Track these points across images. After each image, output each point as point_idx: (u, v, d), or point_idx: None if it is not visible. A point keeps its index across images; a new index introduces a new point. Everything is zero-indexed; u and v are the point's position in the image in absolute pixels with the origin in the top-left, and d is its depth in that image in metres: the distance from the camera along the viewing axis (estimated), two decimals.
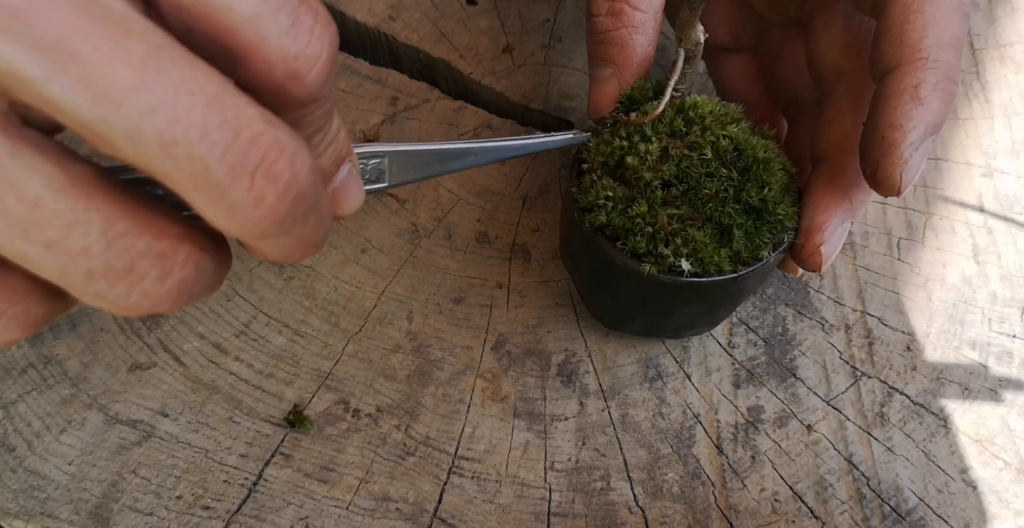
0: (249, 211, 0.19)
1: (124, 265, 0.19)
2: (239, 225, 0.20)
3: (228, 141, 0.18)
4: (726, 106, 0.36)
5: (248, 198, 0.19)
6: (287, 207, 0.20)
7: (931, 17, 0.31)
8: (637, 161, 0.34)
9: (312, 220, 0.21)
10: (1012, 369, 0.41)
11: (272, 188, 0.19)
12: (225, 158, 0.18)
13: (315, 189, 0.21)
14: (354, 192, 0.26)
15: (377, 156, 0.30)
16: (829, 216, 0.34)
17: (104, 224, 0.19)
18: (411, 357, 0.42)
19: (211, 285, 0.22)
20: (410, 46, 0.52)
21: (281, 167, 0.19)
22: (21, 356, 0.40)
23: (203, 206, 0.19)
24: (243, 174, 0.18)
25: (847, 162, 0.35)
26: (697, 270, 0.34)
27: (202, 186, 0.18)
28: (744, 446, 0.39)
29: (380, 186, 0.31)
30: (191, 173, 0.18)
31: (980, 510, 0.38)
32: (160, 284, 0.20)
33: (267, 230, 0.20)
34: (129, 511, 0.37)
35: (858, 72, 0.36)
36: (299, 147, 0.20)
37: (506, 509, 0.38)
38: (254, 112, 0.19)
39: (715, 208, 0.34)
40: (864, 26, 0.36)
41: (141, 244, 0.19)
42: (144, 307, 0.20)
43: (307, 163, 0.20)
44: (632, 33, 0.36)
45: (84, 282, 0.19)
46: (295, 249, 0.22)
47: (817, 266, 0.35)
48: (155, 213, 0.20)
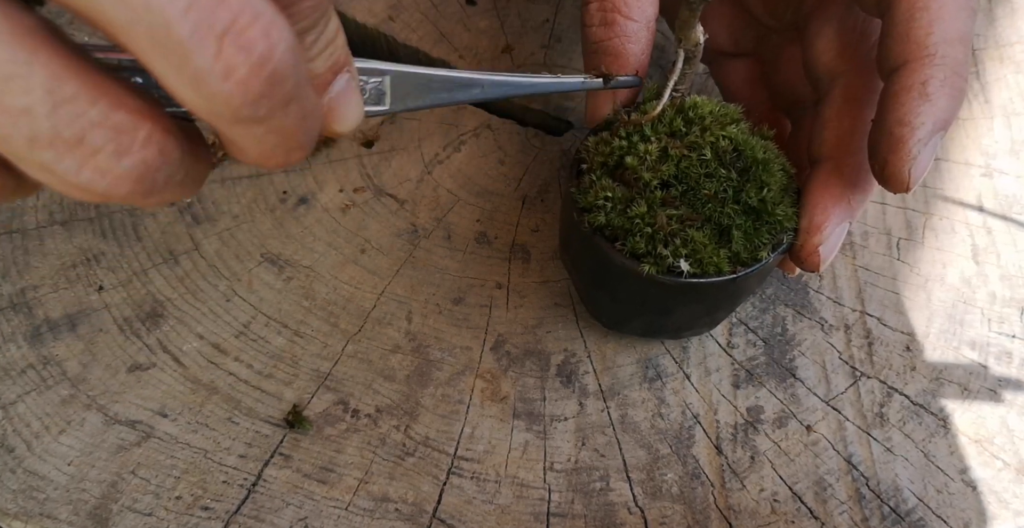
0: (217, 83, 0.17)
1: (73, 134, 0.17)
2: (206, 100, 0.17)
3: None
4: (726, 106, 0.36)
5: (215, 66, 0.17)
6: (262, 85, 0.18)
7: (937, 14, 0.31)
8: (636, 161, 0.34)
9: (294, 112, 0.19)
10: (1011, 369, 0.41)
11: (244, 58, 0.17)
12: (189, 13, 0.16)
13: (297, 74, 0.19)
14: (352, 105, 0.24)
15: (378, 74, 0.28)
16: (827, 216, 0.35)
17: (49, 82, 0.17)
18: (410, 357, 0.42)
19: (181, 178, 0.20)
20: (410, 46, 0.52)
21: (254, 35, 0.17)
22: (20, 357, 0.40)
23: (164, 73, 0.17)
24: (209, 36, 0.16)
25: (844, 163, 0.35)
26: (696, 271, 0.34)
27: (162, 46, 0.16)
28: (743, 446, 0.39)
29: (380, 109, 0.29)
30: (148, 27, 0.16)
31: (979, 510, 0.38)
32: (116, 161, 0.18)
33: (239, 110, 0.18)
34: (128, 512, 0.37)
35: (853, 74, 0.36)
36: (276, 18, 0.18)
37: (505, 509, 0.38)
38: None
39: (714, 209, 0.34)
40: (859, 29, 0.36)
41: (94, 112, 0.17)
42: (99, 187, 0.18)
43: (286, 39, 0.18)
44: (625, 43, 0.36)
45: (27, 149, 0.17)
46: (276, 146, 0.20)
47: (815, 266, 0.35)
48: (114, 83, 0.18)
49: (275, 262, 0.44)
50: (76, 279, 0.43)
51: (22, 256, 0.43)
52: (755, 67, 0.44)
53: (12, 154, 0.18)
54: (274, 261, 0.44)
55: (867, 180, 0.35)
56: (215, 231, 0.45)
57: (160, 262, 0.44)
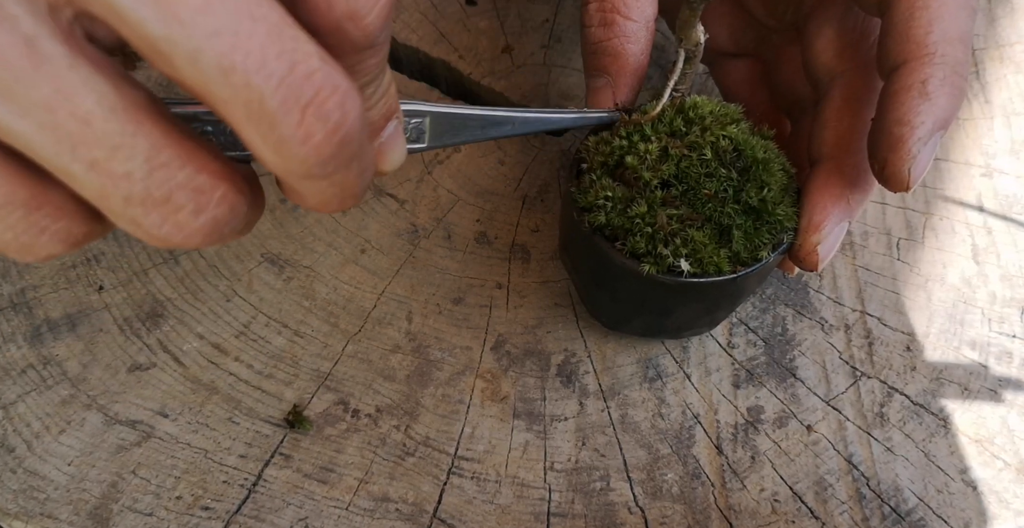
0: (297, 147, 0.19)
1: (162, 194, 0.19)
2: (285, 160, 0.20)
3: (284, 73, 0.18)
4: (726, 106, 0.36)
5: (297, 133, 0.19)
6: (333, 148, 0.20)
7: (937, 13, 0.31)
8: (637, 161, 0.34)
9: (355, 168, 0.21)
10: (1012, 369, 0.41)
11: (321, 126, 0.19)
12: (280, 90, 0.18)
13: (361, 135, 0.21)
14: (398, 148, 0.27)
15: (419, 115, 0.30)
16: (826, 216, 0.35)
17: (149, 151, 0.19)
18: (410, 357, 0.42)
19: (241, 228, 0.22)
20: (409, 46, 0.52)
21: (332, 106, 0.19)
22: (20, 357, 0.40)
23: (252, 137, 0.19)
24: (295, 108, 0.19)
25: (843, 162, 0.35)
26: (696, 270, 0.34)
27: (254, 116, 0.18)
28: (744, 446, 0.39)
29: (419, 146, 0.31)
30: (245, 102, 0.18)
31: (980, 510, 0.38)
32: (194, 218, 0.20)
33: (311, 169, 0.20)
34: (128, 512, 0.37)
35: (852, 74, 0.36)
36: (351, 90, 0.20)
37: (506, 509, 0.38)
38: (311, 47, 0.19)
39: (714, 208, 0.34)
40: (857, 29, 0.37)
41: (181, 176, 0.19)
42: (175, 239, 0.20)
43: (356, 107, 0.20)
44: (624, 43, 0.36)
45: (121, 206, 0.19)
46: (334, 197, 0.22)
47: (814, 265, 0.35)
48: (199, 147, 0.20)
49: (275, 262, 0.44)
50: (76, 279, 0.43)
51: None
52: (755, 67, 0.44)
53: (107, 208, 0.20)
54: (274, 261, 0.44)
55: (866, 180, 0.35)
56: None
57: (160, 262, 0.44)
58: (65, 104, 0.17)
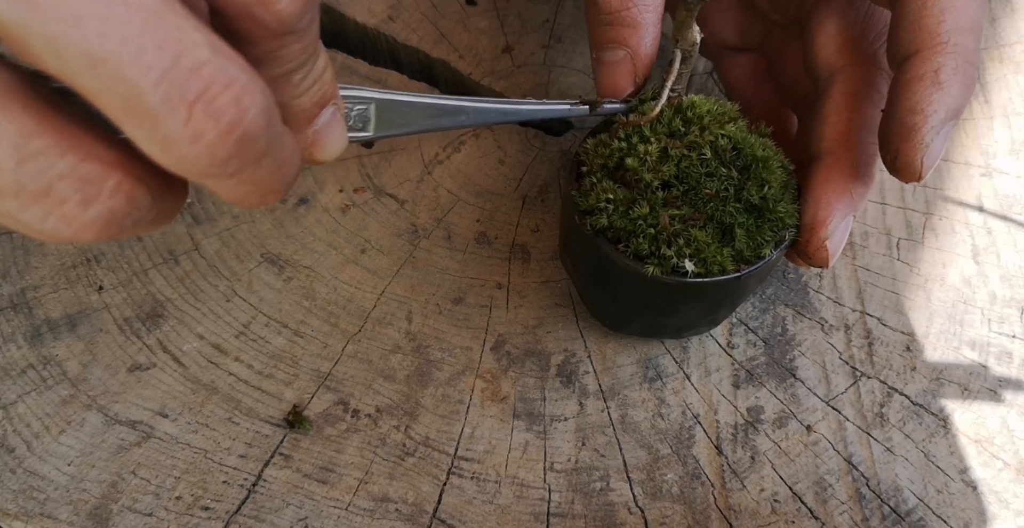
0: (185, 146, 0.17)
1: (40, 187, 0.18)
2: (175, 160, 0.18)
3: (166, 66, 0.16)
4: (723, 105, 0.36)
5: (184, 132, 0.17)
6: (230, 148, 0.18)
7: (949, 2, 0.31)
8: (637, 162, 0.34)
9: (267, 165, 0.20)
10: (1012, 369, 0.41)
11: (213, 124, 0.17)
12: (161, 85, 0.16)
13: (269, 131, 0.19)
14: (336, 137, 0.25)
15: (363, 102, 0.28)
16: (831, 210, 0.34)
17: (17, 139, 0.17)
18: (410, 358, 0.42)
19: (152, 219, 0.20)
20: (410, 47, 0.52)
21: (225, 102, 0.17)
22: (20, 357, 0.40)
23: (134, 134, 0.17)
24: (180, 105, 0.17)
25: (845, 157, 0.35)
26: (700, 270, 0.34)
27: (133, 113, 0.17)
28: (744, 446, 0.39)
29: (363, 135, 0.29)
30: (121, 97, 0.16)
31: (980, 510, 0.38)
32: (81, 210, 0.18)
33: (207, 170, 0.18)
34: (128, 512, 0.37)
35: (853, 68, 0.36)
36: (250, 83, 0.18)
37: (505, 509, 0.38)
38: (200, 37, 0.17)
39: (716, 207, 0.34)
40: (858, 24, 0.37)
41: (62, 165, 0.18)
42: (64, 234, 0.19)
43: (258, 102, 0.18)
44: (644, 11, 0.35)
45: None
46: (249, 194, 0.21)
47: (824, 261, 0.35)
48: (84, 132, 0.18)
49: (275, 262, 0.44)
50: (76, 279, 0.43)
51: (22, 256, 0.43)
52: (760, 62, 0.44)
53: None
54: (274, 261, 0.44)
55: (868, 173, 0.35)
56: (215, 231, 0.45)
57: (160, 262, 0.44)
58: None
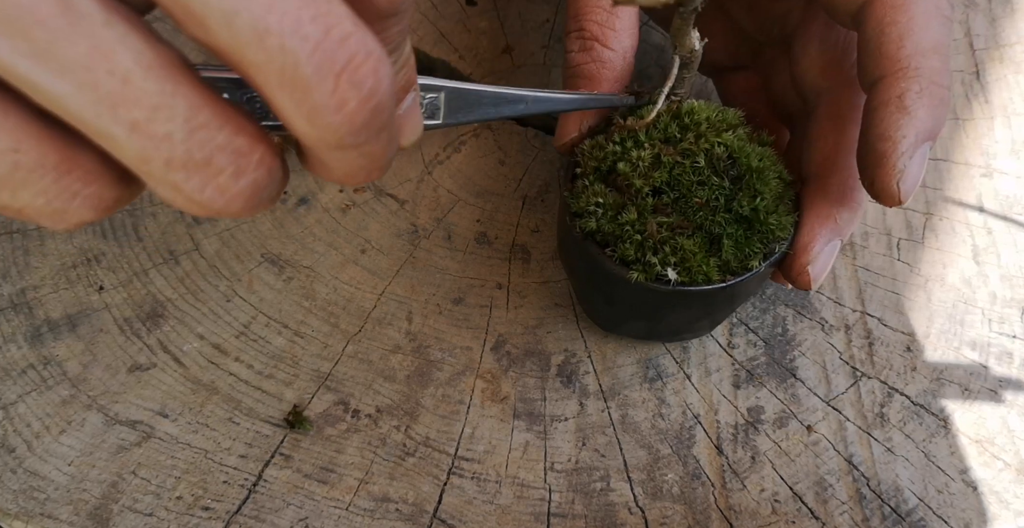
0: (330, 115, 0.19)
1: (203, 157, 0.19)
2: (317, 129, 0.19)
3: (319, 37, 0.18)
4: (725, 111, 0.36)
5: (331, 101, 0.18)
6: (366, 117, 0.19)
7: (906, 27, 0.31)
8: (628, 167, 0.34)
9: (384, 138, 0.21)
10: (1012, 369, 0.41)
11: (355, 93, 0.19)
12: (315, 55, 0.18)
13: (392, 104, 0.20)
14: (415, 122, 0.26)
15: (435, 90, 0.30)
16: (814, 236, 0.35)
17: (188, 111, 0.18)
18: (411, 358, 0.42)
19: (274, 195, 0.21)
20: None
21: (366, 73, 0.19)
22: (21, 357, 0.40)
23: (284, 105, 0.19)
24: (329, 74, 0.18)
25: (829, 181, 0.35)
26: (684, 279, 0.33)
27: (288, 82, 0.18)
28: (744, 446, 0.39)
29: (435, 123, 0.31)
30: (280, 67, 0.18)
31: (980, 511, 0.38)
32: (235, 181, 0.20)
33: (343, 138, 0.20)
34: (129, 512, 0.37)
35: (837, 90, 0.36)
36: (383, 56, 0.19)
37: (506, 510, 0.38)
38: (344, 11, 0.18)
39: (705, 217, 0.34)
40: (840, 45, 0.37)
41: (221, 137, 0.19)
42: (217, 205, 0.20)
43: (389, 74, 0.19)
44: (600, 68, 0.37)
45: (163, 170, 0.19)
46: (361, 168, 0.22)
47: (806, 285, 0.35)
48: (234, 109, 0.20)
49: (275, 262, 0.44)
50: (76, 279, 0.43)
51: (22, 256, 0.43)
52: (754, 79, 0.45)
53: (147, 172, 0.19)
54: (274, 261, 0.44)
55: (854, 198, 0.35)
56: (215, 231, 0.45)
57: (160, 262, 0.44)
58: (103, 62, 0.17)
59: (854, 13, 0.33)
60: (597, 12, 0.37)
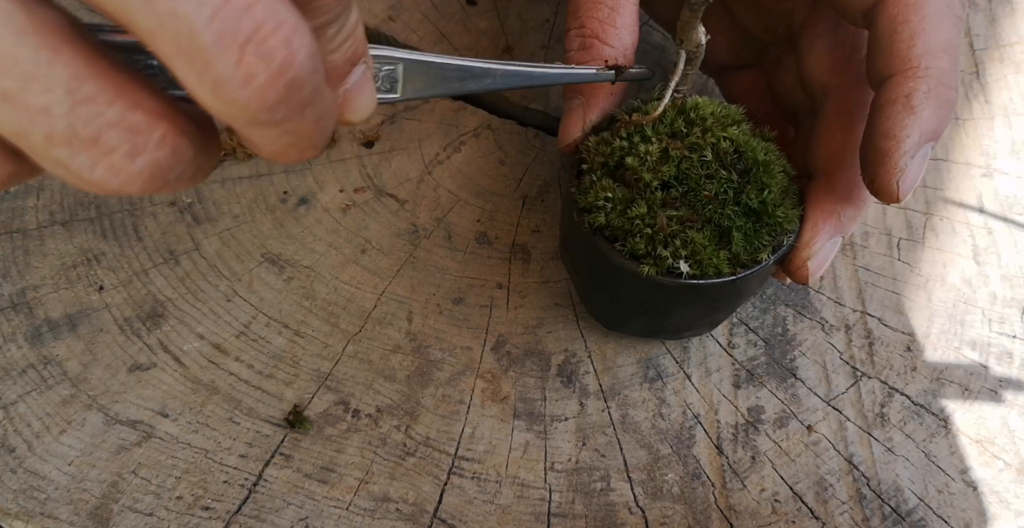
0: (236, 89, 0.17)
1: (90, 133, 0.17)
2: (224, 104, 0.18)
3: (218, 3, 0.16)
4: (727, 107, 0.36)
5: (236, 74, 0.17)
6: (280, 92, 0.18)
7: (918, 26, 0.31)
8: (637, 162, 0.34)
9: (310, 115, 0.19)
10: (1012, 369, 0.41)
11: (264, 66, 0.17)
12: (213, 22, 0.16)
13: (315, 78, 0.19)
14: (366, 97, 0.24)
15: (391, 62, 0.28)
16: (816, 232, 0.35)
17: (70, 82, 0.17)
18: (411, 358, 0.42)
19: (191, 175, 0.20)
20: (410, 47, 0.52)
21: (276, 43, 0.17)
22: (21, 357, 0.40)
23: (185, 76, 0.17)
24: (232, 44, 0.17)
25: (836, 178, 0.35)
26: (696, 272, 0.33)
27: (185, 52, 0.16)
28: (744, 446, 0.39)
29: (392, 96, 0.29)
30: (174, 34, 0.16)
31: (980, 511, 0.38)
32: (130, 161, 0.18)
33: (256, 115, 0.18)
34: (129, 512, 0.37)
35: (844, 88, 0.36)
36: (298, 25, 0.18)
37: (506, 509, 0.38)
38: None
39: (714, 210, 0.34)
40: (848, 43, 0.37)
41: (111, 113, 0.17)
42: (111, 185, 0.18)
43: (307, 46, 0.18)
44: None
45: (43, 146, 0.17)
46: (289, 146, 0.20)
47: (804, 279, 0.36)
48: (133, 82, 0.18)
49: (275, 262, 0.44)
50: (76, 279, 0.43)
51: (22, 256, 0.43)
52: (758, 77, 0.45)
53: (28, 147, 0.18)
54: (275, 261, 0.44)
55: (859, 195, 0.35)
56: (215, 231, 0.45)
57: (160, 262, 0.44)
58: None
59: (866, 11, 0.33)
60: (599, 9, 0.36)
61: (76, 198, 0.45)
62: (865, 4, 0.33)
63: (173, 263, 0.44)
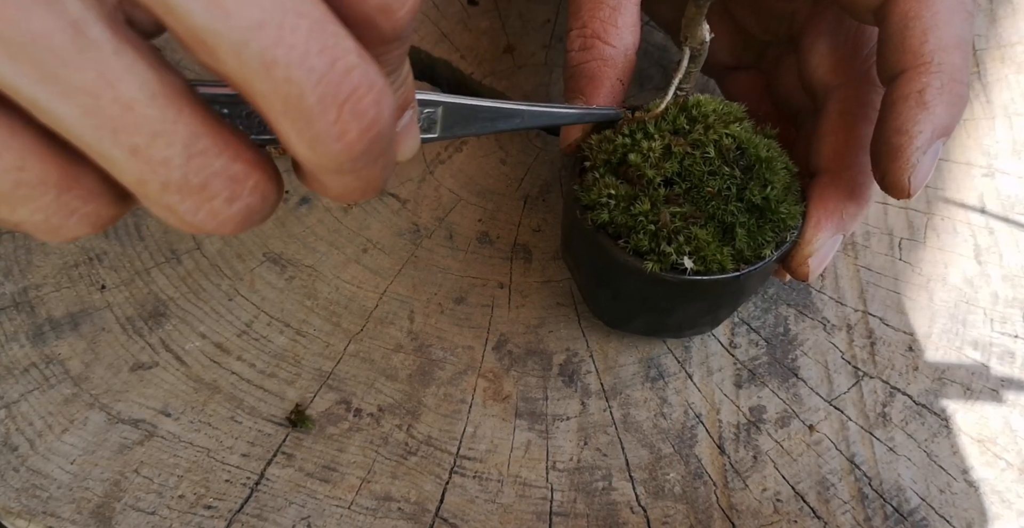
0: (330, 144, 0.19)
1: (199, 182, 0.19)
2: (317, 156, 0.20)
3: (324, 69, 0.18)
4: (729, 105, 0.36)
5: (332, 130, 0.19)
6: (365, 145, 0.20)
7: (930, 22, 0.31)
8: (640, 158, 0.34)
9: (381, 163, 0.21)
10: (1014, 369, 0.41)
11: (356, 124, 0.19)
12: (319, 86, 0.18)
13: (391, 132, 0.21)
14: (413, 138, 0.27)
15: (432, 105, 0.30)
16: (818, 230, 0.35)
17: (188, 138, 0.19)
18: (412, 357, 0.42)
19: (266, 215, 0.22)
20: (411, 46, 0.52)
21: (368, 104, 0.19)
22: (23, 356, 0.40)
23: (287, 132, 0.19)
24: (332, 105, 0.19)
25: (839, 176, 0.36)
26: (700, 268, 0.34)
27: (292, 112, 0.18)
28: (746, 446, 0.39)
29: (431, 136, 0.31)
30: (285, 97, 0.18)
31: (982, 510, 0.38)
32: (228, 206, 0.20)
33: (341, 165, 0.20)
34: (131, 510, 0.37)
35: (846, 87, 0.36)
36: (385, 88, 0.20)
37: (508, 509, 0.38)
38: (351, 44, 0.19)
39: (718, 206, 0.34)
40: (850, 42, 0.37)
41: (218, 164, 0.19)
42: (208, 226, 0.20)
43: (390, 104, 0.20)
44: (601, 66, 0.37)
45: (158, 192, 0.19)
46: (356, 190, 0.22)
47: (804, 277, 0.36)
48: (234, 135, 0.20)
49: (277, 261, 0.44)
50: (78, 278, 0.43)
51: (24, 255, 0.43)
52: (759, 78, 0.45)
53: (143, 195, 0.20)
54: (276, 260, 0.44)
55: (862, 193, 0.35)
56: None
57: (162, 261, 0.44)
58: (109, 89, 0.17)
59: (876, 8, 0.33)
60: (600, 8, 0.37)
61: None
62: (875, 1, 0.33)
63: (175, 262, 0.44)
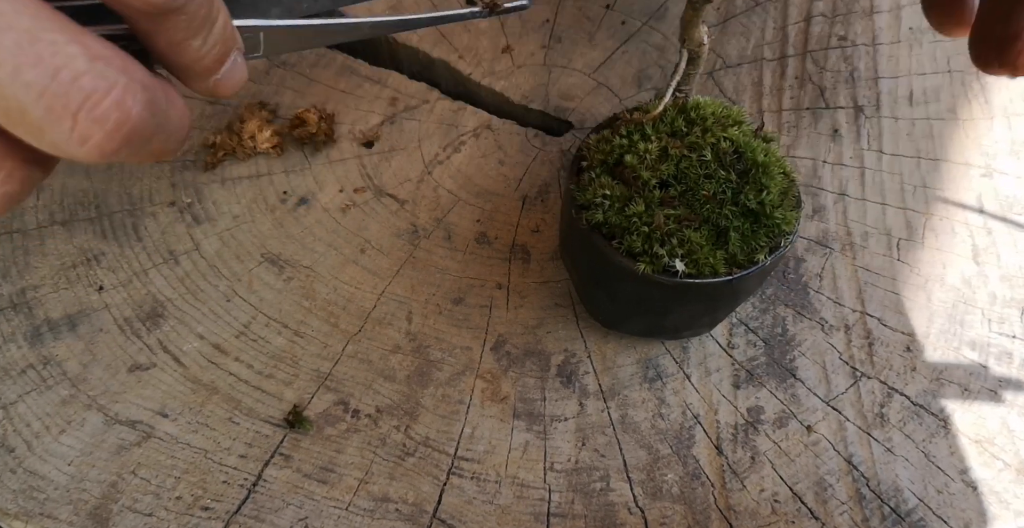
0: (74, 149, 0.19)
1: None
2: (67, 157, 0.19)
3: (44, 82, 0.17)
4: (729, 108, 0.36)
5: (71, 138, 0.18)
6: (119, 143, 0.19)
7: None
8: (636, 160, 0.34)
9: (157, 140, 0.21)
10: (1012, 369, 0.41)
11: (99, 128, 0.19)
12: (42, 100, 0.18)
13: (155, 118, 0.20)
14: (238, 75, 0.26)
15: (252, 31, 0.29)
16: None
17: None
18: (410, 358, 0.42)
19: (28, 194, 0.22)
20: (410, 47, 0.52)
21: (107, 107, 0.18)
22: (21, 357, 0.40)
23: (25, 138, 0.19)
24: (63, 116, 0.18)
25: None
26: (691, 271, 0.33)
27: (18, 125, 0.18)
28: (744, 447, 0.39)
29: (255, 55, 0.30)
30: (5, 111, 0.18)
31: (980, 511, 0.38)
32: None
33: (99, 160, 0.20)
34: (128, 512, 0.37)
35: None
36: (130, 83, 0.19)
37: (506, 510, 0.38)
38: (75, 49, 0.18)
39: (712, 210, 0.34)
40: None
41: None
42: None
43: (140, 98, 0.19)
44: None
45: None
46: (144, 159, 0.22)
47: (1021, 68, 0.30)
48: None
49: (275, 262, 0.44)
50: (76, 279, 0.43)
51: (22, 256, 0.43)
52: None
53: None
54: (274, 261, 0.44)
55: None
56: (215, 231, 0.45)
57: (160, 262, 0.44)
58: None
59: None
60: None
61: (76, 198, 0.45)
62: None
63: (173, 263, 0.44)
